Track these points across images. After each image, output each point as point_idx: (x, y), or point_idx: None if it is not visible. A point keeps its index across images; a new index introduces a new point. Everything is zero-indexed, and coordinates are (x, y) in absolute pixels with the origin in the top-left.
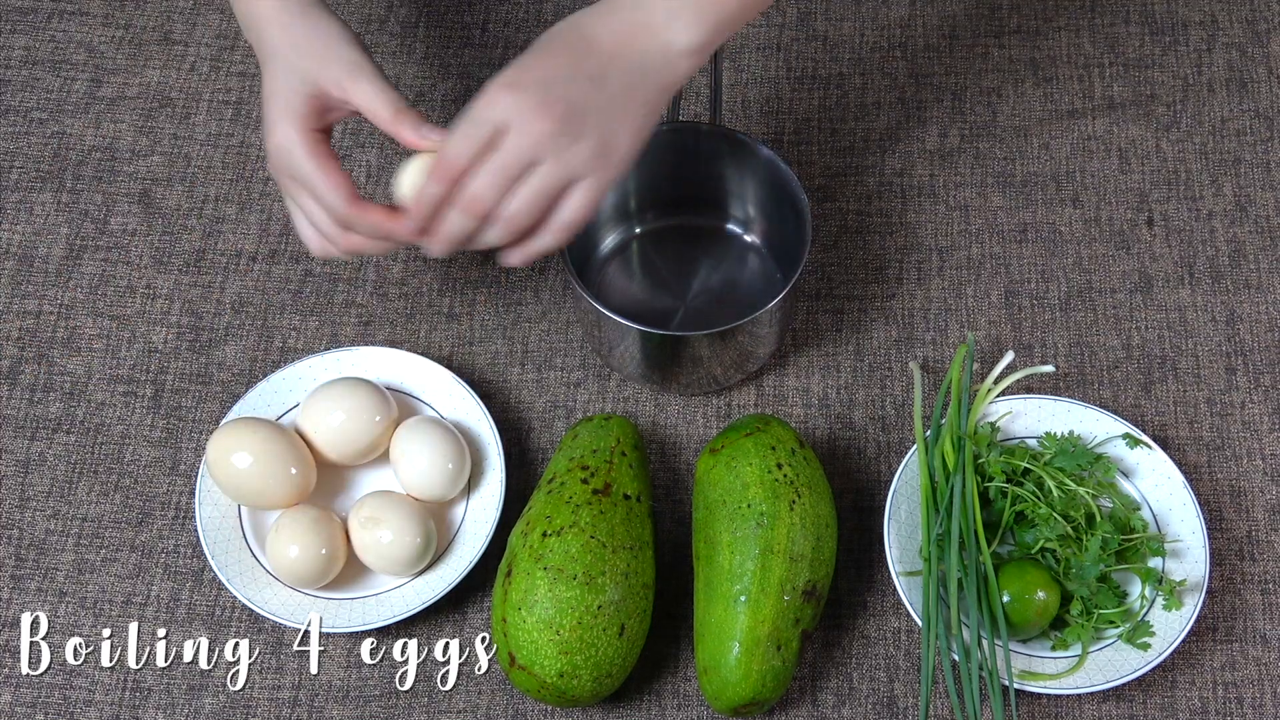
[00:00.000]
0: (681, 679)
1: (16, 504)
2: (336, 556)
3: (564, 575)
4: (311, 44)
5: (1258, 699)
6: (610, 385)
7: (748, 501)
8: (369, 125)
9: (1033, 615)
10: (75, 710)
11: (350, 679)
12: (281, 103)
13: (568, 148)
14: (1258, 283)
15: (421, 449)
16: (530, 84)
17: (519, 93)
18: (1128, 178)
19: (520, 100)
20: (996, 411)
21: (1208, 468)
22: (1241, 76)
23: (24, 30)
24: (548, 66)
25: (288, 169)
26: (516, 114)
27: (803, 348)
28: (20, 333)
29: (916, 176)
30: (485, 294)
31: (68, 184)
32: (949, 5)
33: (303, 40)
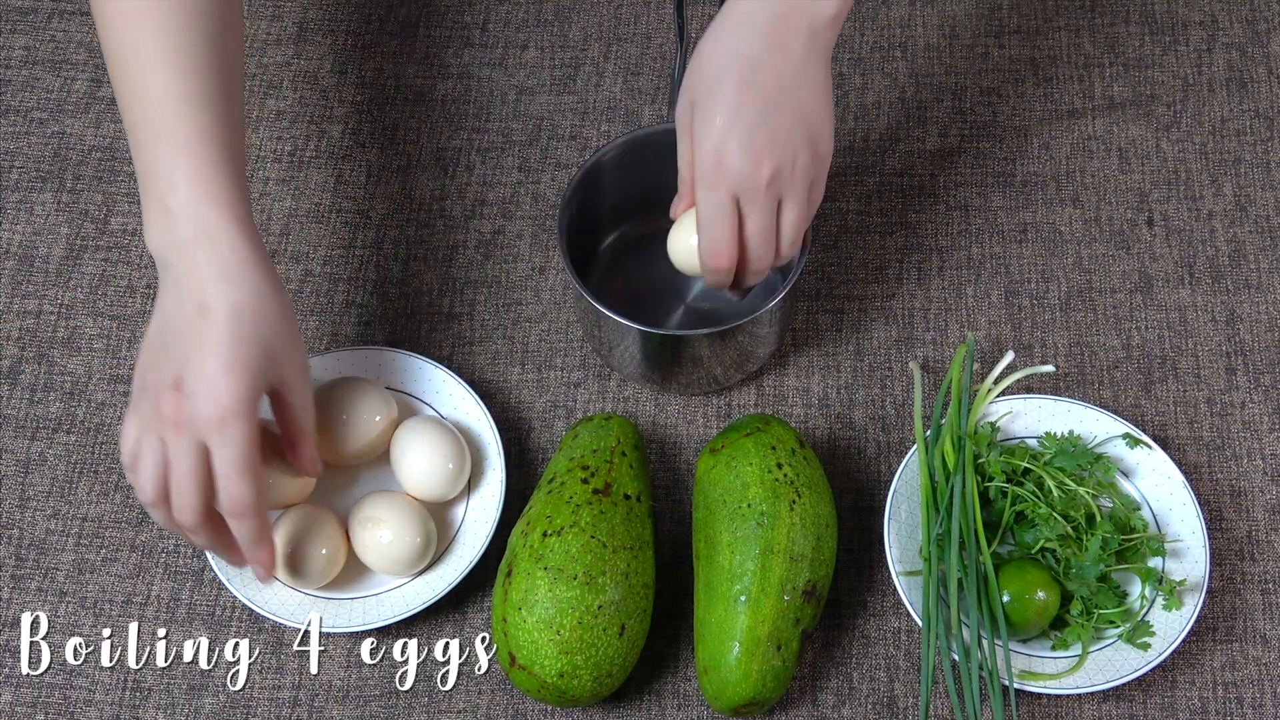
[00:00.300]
0: (681, 679)
1: (16, 504)
2: (336, 556)
3: (564, 575)
4: (280, 320)
5: (1258, 699)
6: (610, 385)
7: (748, 501)
8: (369, 125)
9: (1033, 615)
10: (75, 710)
11: (350, 679)
12: (243, 365)
13: (791, 172)
14: (1258, 283)
15: (422, 449)
16: (733, 147)
17: (729, 159)
18: (1128, 178)
19: (735, 166)
20: (996, 411)
21: (1208, 468)
22: (1241, 76)
23: (24, 30)
24: (735, 116)
25: (204, 424)
26: (739, 182)
27: (803, 348)
28: (20, 333)
29: (916, 176)
30: (485, 294)
31: (68, 184)
32: (949, 5)
33: (273, 307)
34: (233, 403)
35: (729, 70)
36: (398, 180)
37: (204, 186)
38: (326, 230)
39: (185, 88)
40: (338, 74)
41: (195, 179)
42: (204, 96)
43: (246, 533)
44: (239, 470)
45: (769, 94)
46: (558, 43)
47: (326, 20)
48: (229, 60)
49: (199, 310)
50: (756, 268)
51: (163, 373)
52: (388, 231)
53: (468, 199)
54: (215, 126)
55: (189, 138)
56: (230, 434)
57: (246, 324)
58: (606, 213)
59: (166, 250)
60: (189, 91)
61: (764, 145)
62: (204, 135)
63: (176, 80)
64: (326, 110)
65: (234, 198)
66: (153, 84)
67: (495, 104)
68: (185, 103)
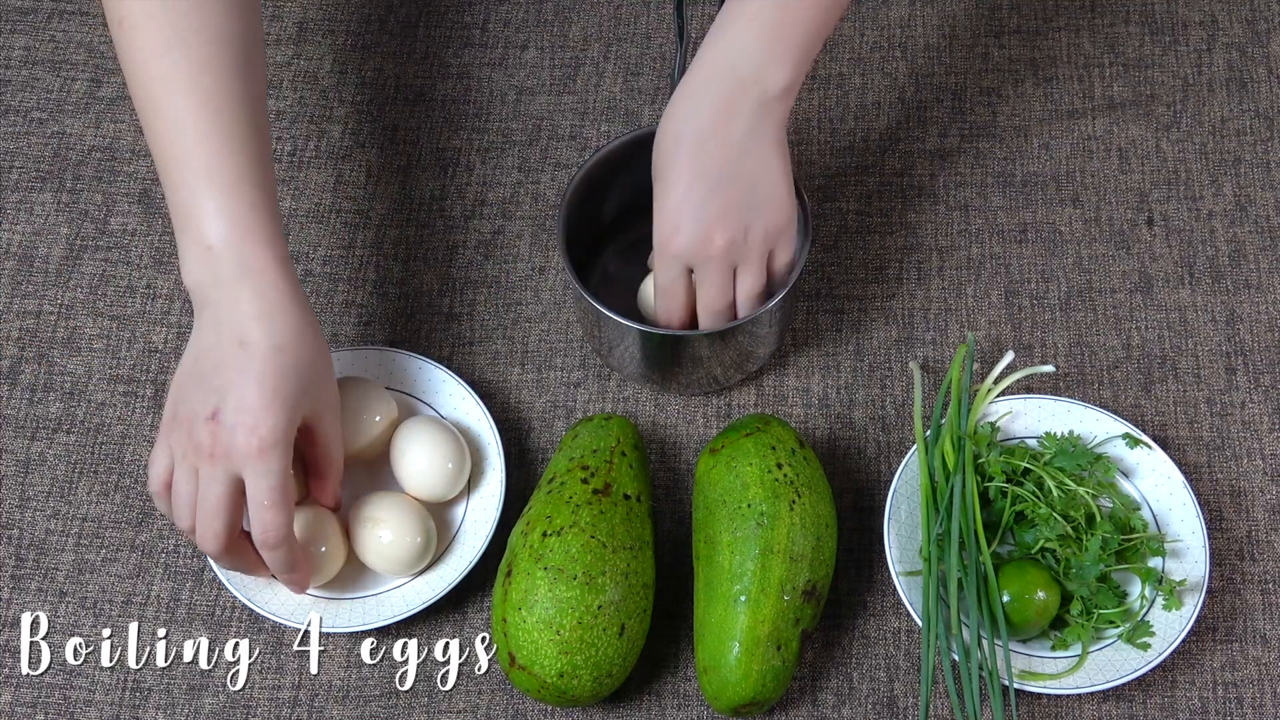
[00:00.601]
0: (681, 679)
1: (16, 504)
2: (336, 555)
3: (564, 575)
4: (318, 355)
5: (1258, 699)
6: (610, 385)
7: (748, 501)
8: (369, 125)
9: (1033, 615)
10: (75, 710)
11: (350, 679)
12: (282, 399)
13: (744, 242)
14: (1258, 283)
15: (422, 449)
16: (686, 221)
17: (682, 233)
18: (1128, 178)
19: (687, 240)
20: (996, 411)
21: (1208, 468)
22: (1241, 76)
23: (24, 30)
24: (687, 192)
25: (241, 455)
26: (692, 255)
27: (803, 348)
28: (20, 333)
29: (916, 176)
30: (485, 294)
31: (68, 184)
32: (949, 5)
33: (310, 343)
34: (271, 435)
35: (681, 146)
36: (398, 180)
37: (244, 226)
38: (326, 230)
39: (220, 126)
40: (338, 74)
41: (236, 219)
42: (239, 135)
43: (281, 561)
44: (275, 501)
45: (719, 168)
46: (558, 43)
47: (326, 20)
48: (255, 89)
49: (239, 345)
50: (712, 327)
51: (199, 404)
52: (388, 231)
53: (468, 199)
54: (251, 165)
55: (227, 178)
56: (268, 465)
57: (287, 359)
58: (606, 213)
59: (206, 288)
60: (224, 130)
61: (714, 218)
62: (242, 174)
63: (211, 120)
64: (326, 110)
65: (273, 235)
66: (187, 123)
67: (495, 104)
68: (222, 142)
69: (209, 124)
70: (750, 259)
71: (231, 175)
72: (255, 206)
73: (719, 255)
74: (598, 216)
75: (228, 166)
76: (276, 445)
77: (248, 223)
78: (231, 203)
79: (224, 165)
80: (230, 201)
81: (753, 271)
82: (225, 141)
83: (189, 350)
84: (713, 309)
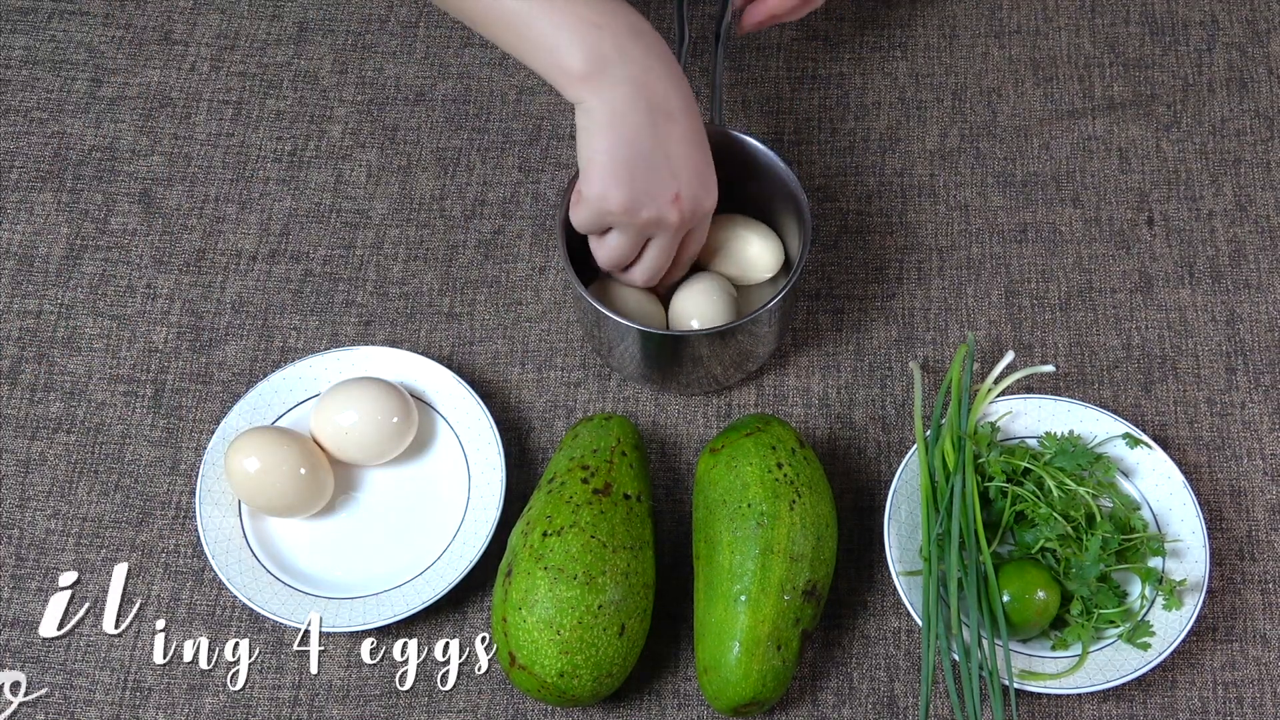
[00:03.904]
0: (681, 679)
1: (16, 504)
2: (325, 484)
3: (564, 575)
4: None
5: (1258, 699)
6: (610, 385)
7: (748, 501)
8: (369, 125)
9: (1033, 615)
10: (75, 710)
11: (350, 679)
12: (711, 156)
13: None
14: (1258, 283)
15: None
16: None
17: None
18: (1128, 178)
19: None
20: (996, 411)
21: (1208, 468)
22: (1241, 76)
23: (24, 30)
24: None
25: (701, 216)
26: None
27: (803, 348)
28: (20, 332)
29: (916, 176)
30: (485, 294)
31: (68, 184)
32: (949, 5)
33: (691, 93)
34: (715, 195)
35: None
36: (398, 180)
37: (614, 1)
38: (326, 230)
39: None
40: (338, 74)
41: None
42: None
43: None
44: (695, 253)
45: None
46: None
47: (326, 20)
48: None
49: (669, 118)
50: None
51: (661, 190)
52: (388, 231)
53: (468, 199)
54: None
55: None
56: (707, 223)
57: (699, 118)
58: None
59: (609, 63)
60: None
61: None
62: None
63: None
64: (326, 110)
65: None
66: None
67: (495, 104)
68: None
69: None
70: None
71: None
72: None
73: (639, 228)
74: None
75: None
76: (711, 200)
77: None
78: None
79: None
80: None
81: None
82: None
83: (608, 135)
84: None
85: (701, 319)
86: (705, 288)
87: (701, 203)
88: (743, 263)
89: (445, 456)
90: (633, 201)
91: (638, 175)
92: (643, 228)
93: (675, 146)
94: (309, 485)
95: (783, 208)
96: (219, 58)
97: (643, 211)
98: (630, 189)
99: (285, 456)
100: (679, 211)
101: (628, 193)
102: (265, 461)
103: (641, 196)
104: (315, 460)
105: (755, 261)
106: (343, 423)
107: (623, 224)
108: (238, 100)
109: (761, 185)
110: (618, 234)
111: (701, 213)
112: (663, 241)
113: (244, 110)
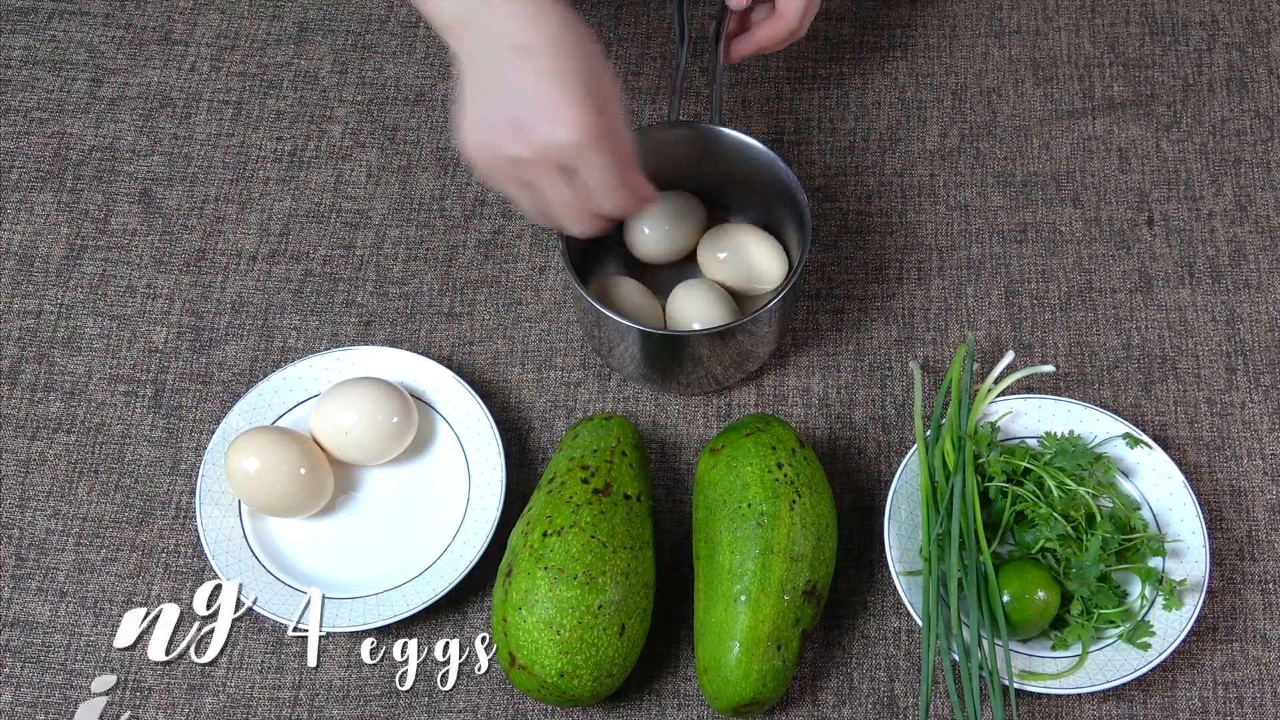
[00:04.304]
0: (681, 679)
1: (17, 504)
2: (325, 484)
3: (564, 575)
4: (593, 45)
5: (1258, 699)
6: (610, 385)
7: (748, 501)
8: (369, 125)
9: (1033, 615)
10: (75, 710)
11: (350, 679)
12: (578, 86)
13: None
14: (1258, 283)
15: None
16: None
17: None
18: (1128, 178)
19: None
20: (996, 411)
21: (1208, 468)
22: (1241, 76)
23: (24, 30)
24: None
25: (572, 166)
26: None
27: (803, 348)
28: (20, 332)
29: (916, 176)
30: (485, 294)
31: (68, 184)
32: (949, 5)
33: (584, 33)
34: (579, 124)
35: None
36: (398, 180)
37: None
38: (326, 230)
39: None
40: (338, 74)
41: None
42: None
43: (636, 209)
44: (615, 184)
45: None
46: None
47: (326, 20)
48: None
49: (518, 51)
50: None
51: (499, 123)
52: (388, 231)
53: (468, 199)
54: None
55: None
56: (594, 157)
57: (568, 50)
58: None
59: (467, 10)
60: None
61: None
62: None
63: None
64: (326, 110)
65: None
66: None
67: None
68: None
69: None
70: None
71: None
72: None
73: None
74: None
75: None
76: (588, 134)
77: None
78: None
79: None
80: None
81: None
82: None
83: (465, 91)
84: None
85: (701, 319)
86: (705, 288)
87: (549, 133)
88: (750, 274)
89: (445, 456)
90: (483, 147)
91: (483, 121)
92: (509, 170)
93: (523, 80)
94: (309, 485)
95: (783, 208)
96: (219, 58)
97: (495, 153)
98: (479, 135)
99: (285, 456)
100: (523, 145)
101: (478, 139)
102: (265, 461)
103: (488, 139)
104: (315, 460)
105: (764, 273)
106: (343, 423)
107: (494, 173)
108: (238, 100)
109: (761, 185)
110: (503, 184)
111: (555, 143)
112: (540, 182)
113: (244, 110)
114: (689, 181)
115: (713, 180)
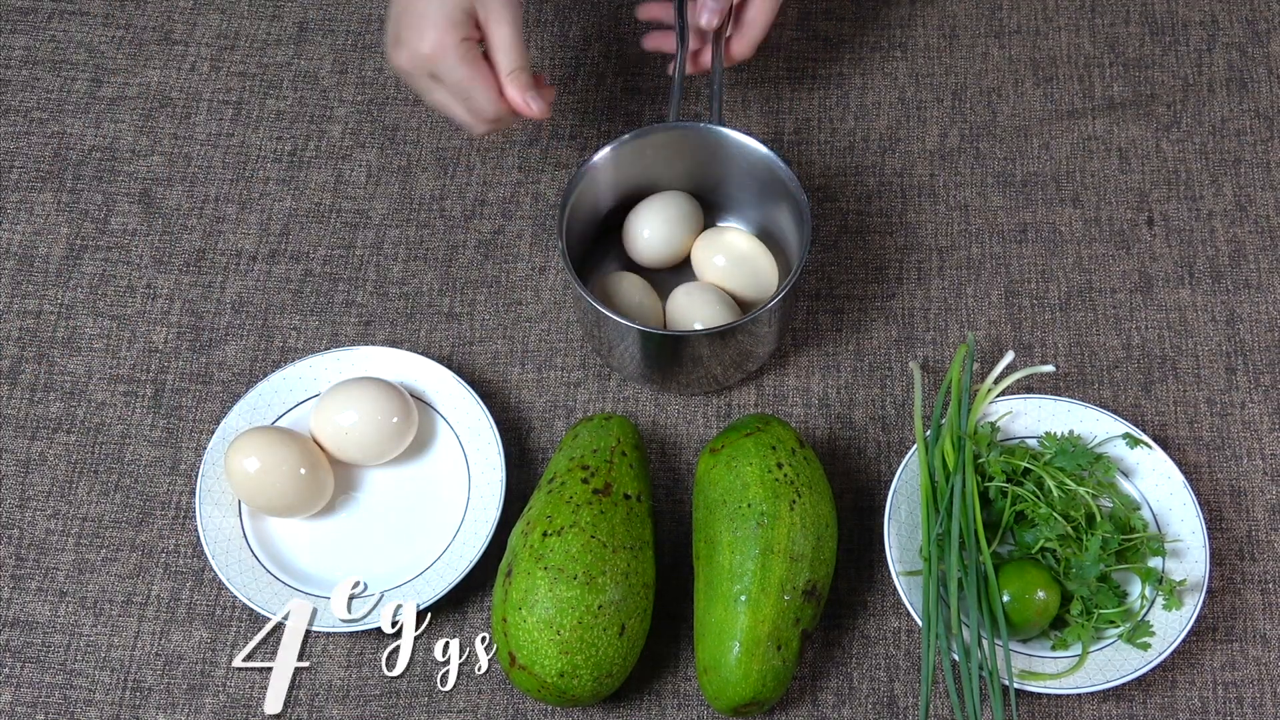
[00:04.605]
0: (681, 679)
1: (16, 504)
2: (325, 484)
3: (564, 575)
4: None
5: (1258, 699)
6: (610, 385)
7: (748, 501)
8: (369, 125)
9: (1033, 615)
10: (75, 710)
11: (350, 679)
12: (437, 12)
13: None
14: (1258, 283)
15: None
16: None
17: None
18: (1128, 178)
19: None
20: (996, 411)
21: (1208, 468)
22: (1241, 76)
23: (24, 30)
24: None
25: (434, 73)
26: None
27: (803, 348)
28: (20, 332)
29: (916, 176)
30: (485, 294)
31: (68, 184)
32: (949, 5)
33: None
34: (435, 41)
35: None
36: (398, 180)
37: None
38: (326, 230)
39: None
40: (338, 74)
41: None
42: None
43: (515, 121)
44: (468, 89)
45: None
46: (558, 43)
47: (326, 20)
48: None
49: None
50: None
51: (390, 40)
52: (387, 231)
53: (468, 199)
54: None
55: None
56: (446, 65)
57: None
58: (607, 213)
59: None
60: None
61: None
62: None
63: None
64: (326, 110)
65: None
66: None
67: None
68: None
69: None
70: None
71: None
72: None
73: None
74: (597, 216)
75: None
76: (436, 48)
77: None
78: None
79: None
80: None
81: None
82: None
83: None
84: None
85: (702, 319)
86: (705, 289)
87: (415, 47)
88: (753, 281)
89: (445, 456)
90: (388, 57)
91: (388, 36)
92: (404, 76)
93: (408, 3)
94: (309, 485)
95: (782, 208)
96: (219, 58)
97: (393, 62)
98: (389, 47)
99: (285, 456)
100: (404, 57)
101: (388, 50)
102: (265, 461)
103: (390, 51)
104: (315, 460)
105: (767, 281)
106: (343, 423)
107: (402, 78)
108: (238, 100)
109: (761, 185)
110: (411, 87)
111: (417, 55)
112: (421, 85)
113: (244, 110)
114: (689, 181)
115: (712, 180)
